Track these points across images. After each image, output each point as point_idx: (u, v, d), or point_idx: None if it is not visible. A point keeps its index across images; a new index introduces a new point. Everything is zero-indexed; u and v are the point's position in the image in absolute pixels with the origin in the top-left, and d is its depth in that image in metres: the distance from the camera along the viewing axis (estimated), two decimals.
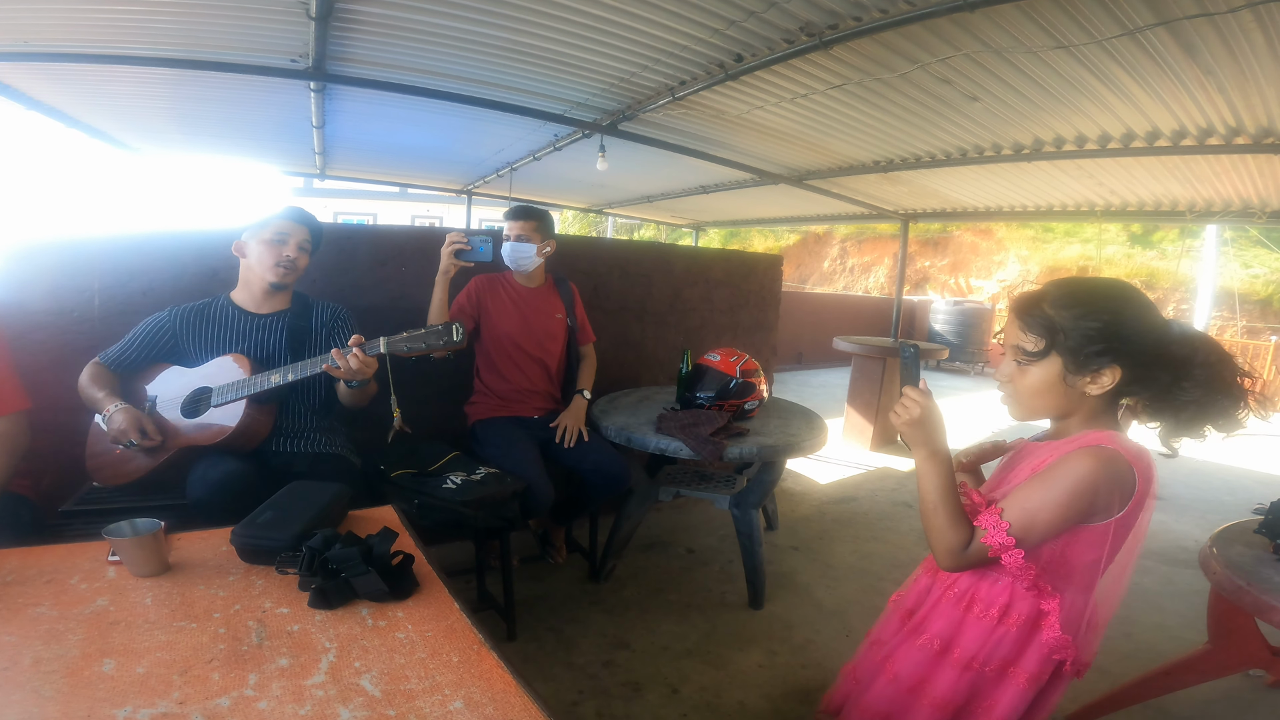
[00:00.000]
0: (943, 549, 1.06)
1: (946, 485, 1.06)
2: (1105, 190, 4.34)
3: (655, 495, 2.49)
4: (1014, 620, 1.09)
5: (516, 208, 2.36)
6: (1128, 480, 0.98)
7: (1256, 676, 2.04)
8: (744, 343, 3.68)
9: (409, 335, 1.55)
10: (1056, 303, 1.02)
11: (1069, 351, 1.01)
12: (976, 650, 1.12)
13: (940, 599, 1.19)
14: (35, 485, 1.66)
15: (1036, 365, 1.04)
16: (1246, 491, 4.21)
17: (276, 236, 1.79)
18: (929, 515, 1.07)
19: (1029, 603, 1.08)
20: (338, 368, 1.55)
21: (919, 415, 1.07)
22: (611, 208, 9.16)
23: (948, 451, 1.10)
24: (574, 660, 2.01)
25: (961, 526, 1.05)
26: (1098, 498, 0.98)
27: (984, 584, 1.13)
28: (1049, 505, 0.99)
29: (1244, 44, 2.13)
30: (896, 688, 1.20)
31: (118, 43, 3.01)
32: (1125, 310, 1.00)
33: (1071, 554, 1.04)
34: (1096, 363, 0.99)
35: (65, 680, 0.79)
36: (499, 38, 2.85)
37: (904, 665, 1.20)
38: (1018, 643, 1.10)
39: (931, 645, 1.17)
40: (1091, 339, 0.99)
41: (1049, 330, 1.02)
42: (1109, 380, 1.00)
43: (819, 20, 2.38)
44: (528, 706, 0.79)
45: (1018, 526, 1.00)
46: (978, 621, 1.12)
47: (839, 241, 16.64)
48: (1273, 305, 11.14)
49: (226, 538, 1.14)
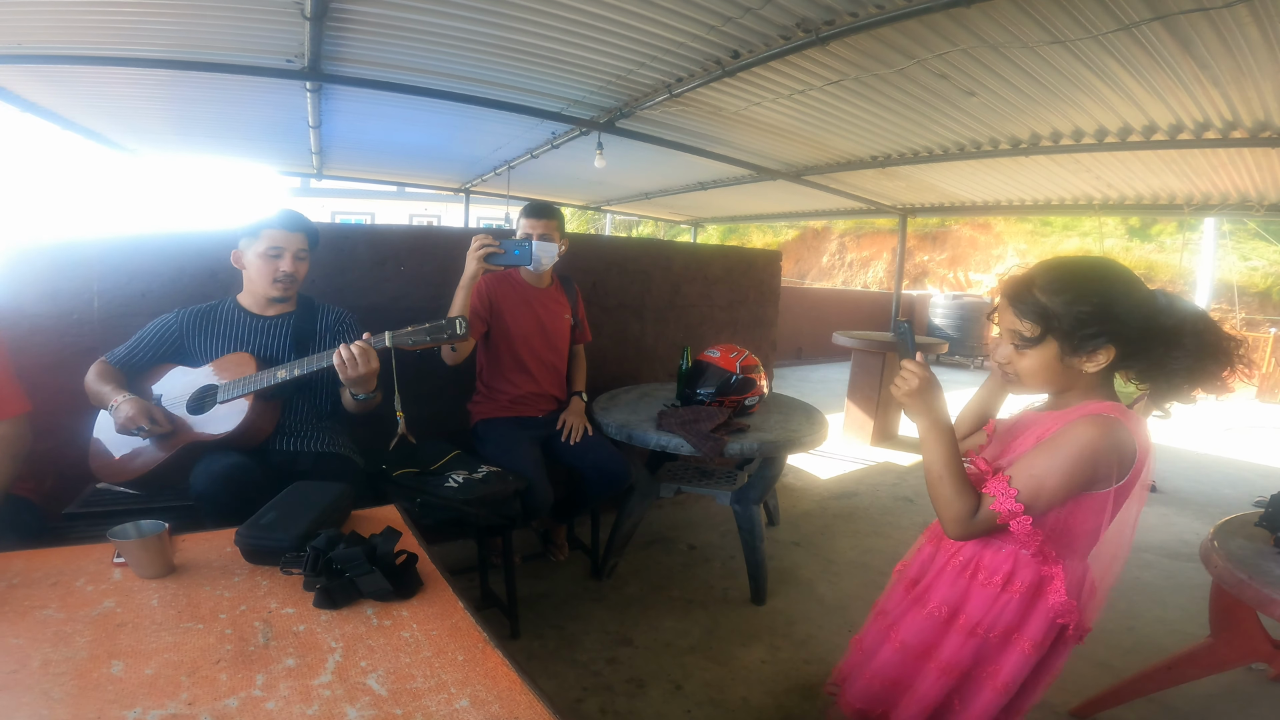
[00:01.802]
0: (950, 517, 1.08)
1: (950, 454, 1.08)
2: (1103, 184, 4.34)
3: (656, 492, 2.50)
4: (1017, 587, 1.12)
5: (538, 205, 2.26)
6: (1128, 448, 1.01)
7: (1259, 670, 2.04)
8: (743, 338, 3.69)
9: (413, 329, 1.55)
10: (1046, 288, 1.04)
11: (1064, 335, 1.03)
12: (982, 616, 1.14)
13: (944, 567, 1.22)
14: (38, 488, 1.66)
15: (1033, 349, 1.06)
16: (1247, 484, 4.22)
17: (271, 249, 1.76)
18: (935, 484, 1.09)
19: (1032, 570, 1.11)
20: (343, 363, 1.53)
21: (917, 386, 1.10)
22: (610, 205, 9.17)
23: (949, 420, 1.11)
24: (577, 657, 2.02)
25: (968, 494, 1.07)
26: (1100, 464, 1.00)
27: (988, 552, 1.16)
28: (1055, 471, 1.01)
29: (1239, 38, 2.14)
30: (904, 655, 1.23)
31: (112, 44, 3.00)
32: (1114, 290, 1.02)
33: (1074, 522, 1.07)
34: (1092, 344, 1.02)
35: (74, 682, 0.79)
36: (495, 36, 2.85)
37: (911, 633, 1.23)
38: (1020, 609, 1.12)
39: (938, 613, 1.19)
40: (1085, 322, 1.01)
41: (1042, 316, 1.04)
42: (1104, 358, 1.03)
43: (815, 16, 2.38)
44: (533, 704, 0.79)
45: (1025, 493, 1.02)
46: (982, 588, 1.15)
47: (837, 237, 16.64)
48: (1271, 297, 11.16)
49: (231, 538, 1.14)
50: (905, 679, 1.23)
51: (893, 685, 1.25)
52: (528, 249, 1.97)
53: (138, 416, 1.58)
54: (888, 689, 1.25)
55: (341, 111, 4.36)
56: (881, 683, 1.26)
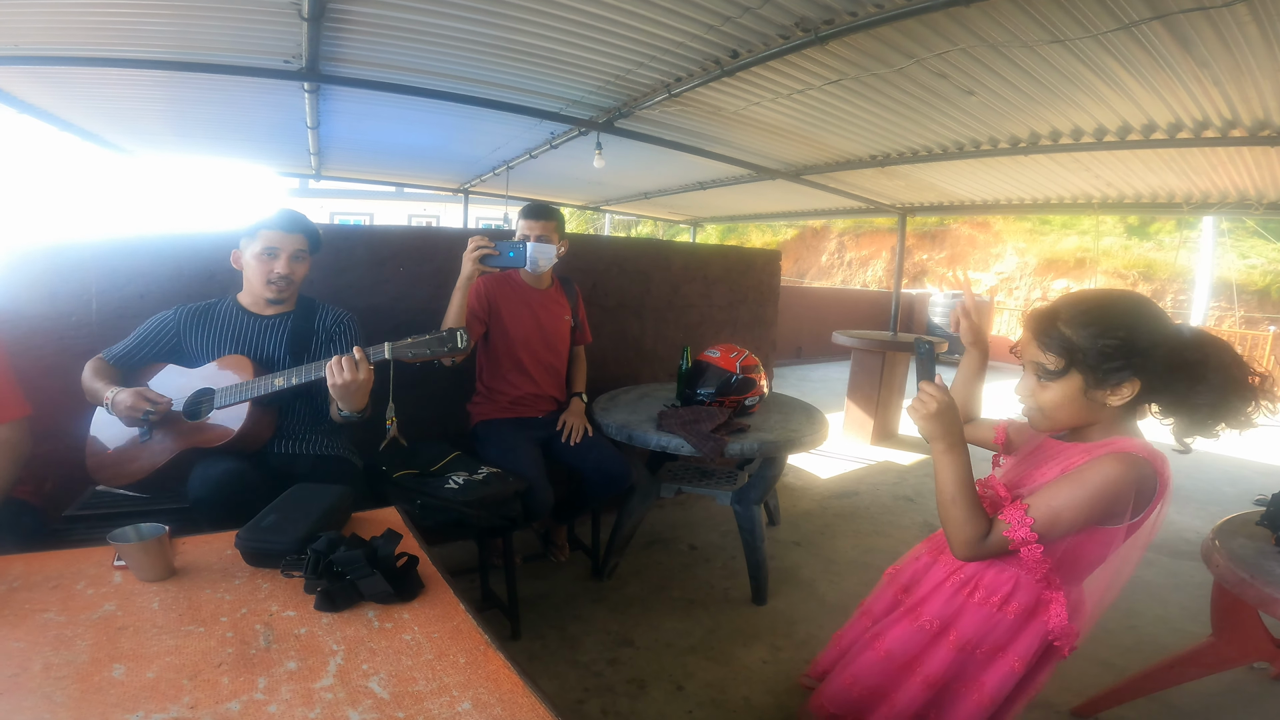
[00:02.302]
0: (960, 540, 1.08)
1: (964, 478, 1.08)
2: (1102, 183, 4.35)
3: (657, 492, 2.50)
4: (1013, 608, 1.13)
5: (536, 206, 2.26)
6: (1150, 486, 1.02)
7: (1261, 669, 2.04)
8: (743, 338, 3.69)
9: (414, 341, 1.52)
10: (1071, 322, 1.04)
11: (1088, 369, 1.03)
12: (974, 634, 1.15)
13: (943, 583, 1.22)
14: (37, 491, 1.65)
15: (1057, 382, 1.06)
16: (1247, 482, 4.23)
17: (267, 250, 1.74)
18: (947, 506, 1.09)
19: (1031, 593, 1.11)
20: (330, 372, 1.49)
21: (936, 409, 1.09)
22: (609, 205, 9.16)
23: (965, 444, 1.11)
24: (579, 658, 2.02)
25: (979, 519, 1.07)
26: (1119, 502, 1.01)
27: (990, 572, 1.16)
28: (1074, 505, 1.02)
29: (1239, 37, 2.14)
30: (888, 664, 1.24)
31: (109, 45, 3.00)
32: (1140, 325, 1.01)
33: (1082, 552, 1.08)
34: (1116, 378, 1.02)
35: (76, 686, 0.79)
36: (493, 36, 2.84)
37: (898, 643, 1.23)
38: (1012, 629, 1.13)
39: (930, 626, 1.20)
40: (1110, 356, 1.01)
41: (1067, 349, 1.03)
42: (1129, 392, 1.02)
43: (814, 16, 2.38)
44: (535, 707, 0.79)
45: (1042, 523, 1.02)
46: (979, 607, 1.15)
47: (836, 236, 16.65)
48: (1270, 295, 11.17)
49: (231, 541, 1.14)
50: (884, 688, 1.24)
51: (870, 693, 1.25)
52: (523, 251, 1.95)
53: (138, 403, 1.57)
54: (865, 696, 1.26)
55: (340, 112, 4.35)
56: (860, 690, 1.26)
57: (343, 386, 1.50)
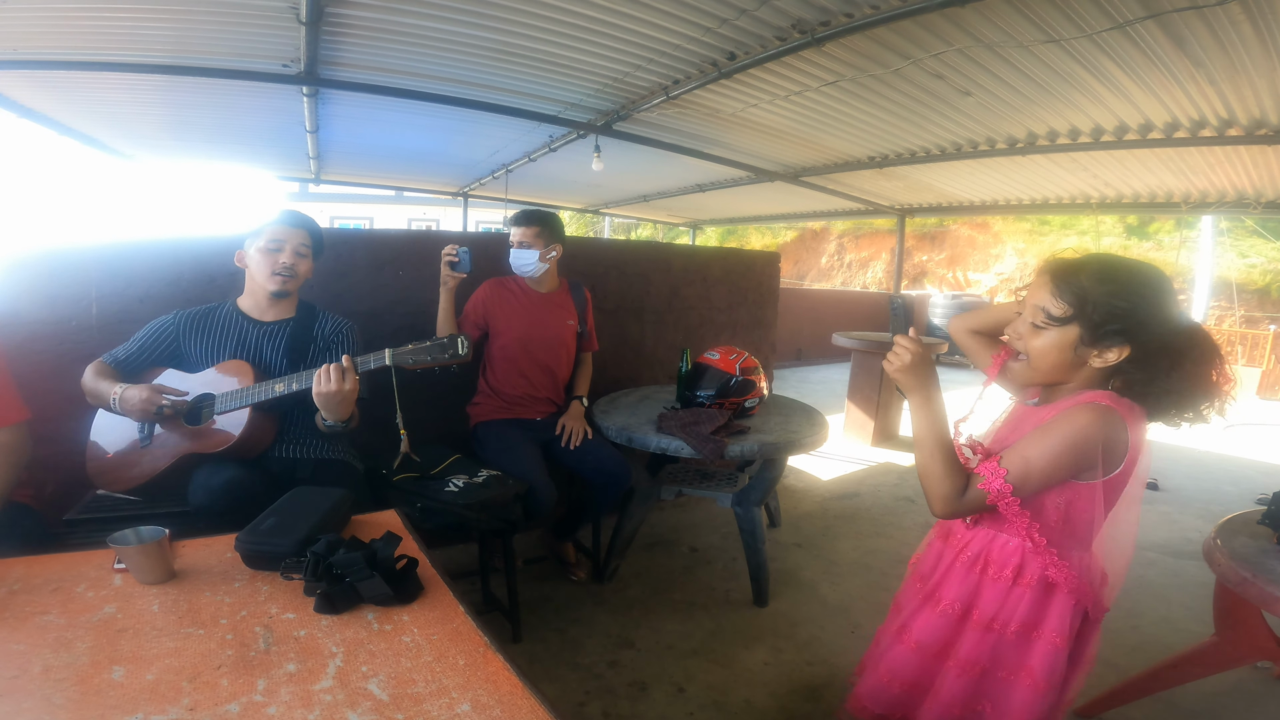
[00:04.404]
0: (938, 495, 1.09)
1: (941, 430, 1.09)
2: (1100, 182, 4.35)
3: (657, 494, 2.50)
4: (1028, 581, 1.13)
5: (518, 213, 2.31)
6: (1121, 439, 1.03)
7: (1264, 668, 2.04)
8: (743, 340, 3.69)
9: (415, 348, 1.51)
10: (1095, 275, 1.05)
11: (1090, 323, 1.04)
12: (995, 611, 1.15)
13: (953, 563, 1.22)
14: (38, 494, 1.66)
15: (1054, 329, 1.07)
16: (1249, 482, 4.22)
17: (272, 243, 1.76)
18: (925, 461, 1.10)
19: (1039, 562, 1.11)
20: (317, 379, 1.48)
21: (910, 361, 1.10)
22: (608, 208, 9.18)
23: (941, 396, 1.12)
24: (579, 661, 2.01)
25: (957, 473, 1.08)
26: (1088, 451, 1.02)
27: (995, 546, 1.16)
28: (1045, 454, 1.03)
29: (1233, 36, 2.15)
30: (921, 655, 1.23)
31: (109, 50, 3.01)
32: (1153, 298, 1.03)
33: (1074, 513, 1.08)
34: (1111, 339, 1.03)
35: (76, 688, 0.79)
36: (491, 40, 2.85)
37: (925, 632, 1.23)
38: (1035, 604, 1.13)
39: (951, 610, 1.20)
40: (1115, 316, 1.02)
41: (1079, 299, 1.04)
42: (1115, 357, 1.04)
43: (811, 17, 2.38)
44: (535, 709, 0.79)
45: (1015, 474, 1.04)
46: (993, 583, 1.16)
47: (836, 237, 16.66)
48: (1270, 294, 11.17)
49: (231, 544, 1.14)
50: (924, 681, 1.23)
51: (911, 688, 1.24)
52: (467, 258, 2.10)
53: (153, 396, 1.57)
54: (906, 691, 1.25)
55: (339, 116, 4.36)
56: (900, 685, 1.25)
57: (326, 395, 1.50)
